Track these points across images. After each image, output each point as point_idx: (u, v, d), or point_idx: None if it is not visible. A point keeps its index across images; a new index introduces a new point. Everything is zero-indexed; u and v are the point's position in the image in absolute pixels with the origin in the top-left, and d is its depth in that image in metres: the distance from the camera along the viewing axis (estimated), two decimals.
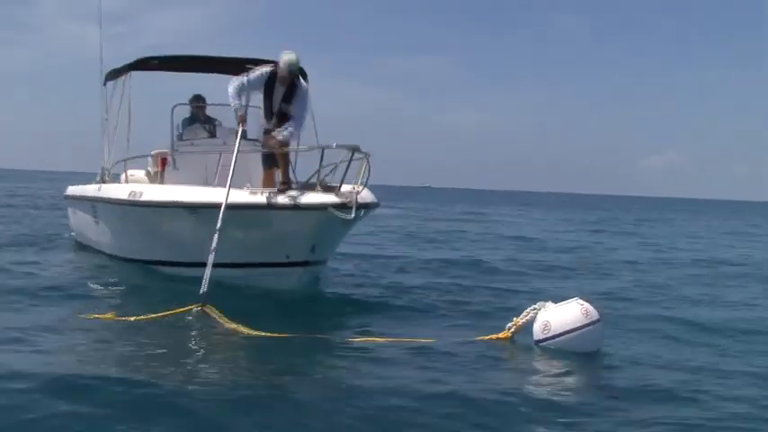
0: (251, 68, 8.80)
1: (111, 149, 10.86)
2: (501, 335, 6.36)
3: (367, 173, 7.63)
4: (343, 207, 7.33)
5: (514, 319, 6.40)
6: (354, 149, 7.44)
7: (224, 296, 7.12)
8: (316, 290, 8.76)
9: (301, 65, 8.91)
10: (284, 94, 8.26)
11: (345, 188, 7.56)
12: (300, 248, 7.86)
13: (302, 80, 8.43)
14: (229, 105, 9.14)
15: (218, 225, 7.37)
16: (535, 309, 6.31)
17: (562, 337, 5.99)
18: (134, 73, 10.13)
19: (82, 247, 12.32)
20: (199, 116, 10.24)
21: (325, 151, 7.65)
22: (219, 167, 8.92)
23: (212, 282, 7.17)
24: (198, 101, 10.29)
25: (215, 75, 10.57)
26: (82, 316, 6.78)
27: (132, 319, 6.67)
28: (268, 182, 8.41)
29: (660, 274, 13.04)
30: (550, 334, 6.03)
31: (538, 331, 6.16)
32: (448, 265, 12.40)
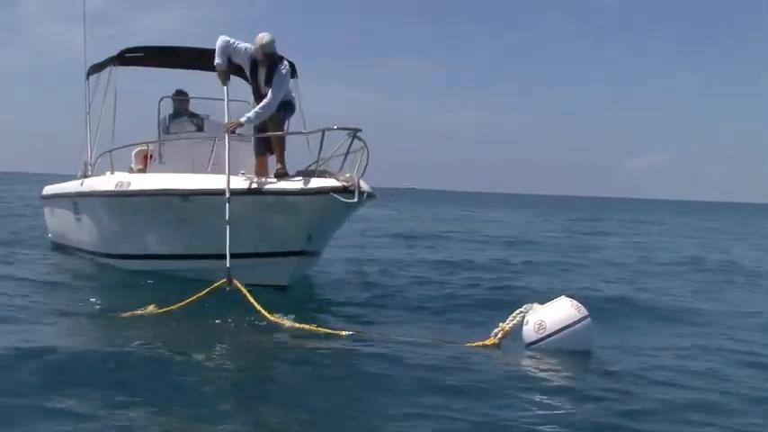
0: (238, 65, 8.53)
1: (93, 144, 10.60)
2: (488, 341, 6.10)
3: (365, 161, 7.32)
4: (345, 191, 7.07)
5: (500, 324, 6.16)
6: (356, 132, 7.17)
7: (215, 293, 7.00)
8: (302, 289, 8.60)
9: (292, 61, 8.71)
10: (266, 76, 7.93)
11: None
12: (297, 237, 7.59)
13: (285, 63, 8.05)
14: (212, 100, 8.92)
15: (227, 195, 7.26)
16: (522, 312, 6.11)
17: (558, 335, 5.81)
18: (116, 69, 9.87)
19: (61, 248, 11.94)
20: (182, 111, 10.02)
21: (312, 143, 7.47)
22: (212, 157, 8.62)
23: (201, 275, 7.10)
24: (181, 95, 10.07)
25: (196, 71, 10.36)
26: (126, 314, 6.65)
27: (172, 308, 6.67)
28: (260, 169, 8.15)
29: (646, 272, 13.06)
30: (546, 333, 5.84)
31: (531, 332, 5.94)
32: (436, 266, 12.28)
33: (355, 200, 7.02)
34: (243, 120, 7.95)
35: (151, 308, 6.71)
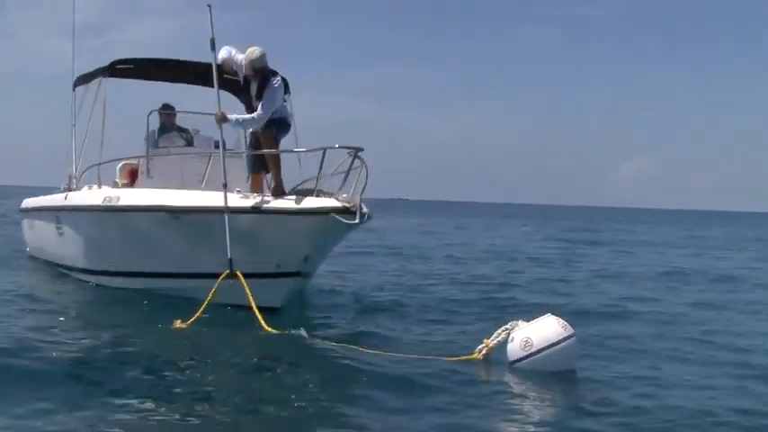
0: (232, 79, 8.45)
1: (79, 156, 10.33)
2: (472, 356, 6.04)
3: (364, 180, 7.14)
4: (346, 212, 6.91)
5: (485, 340, 6.10)
6: (357, 151, 7.02)
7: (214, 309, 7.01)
8: (291, 301, 8.53)
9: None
10: (257, 90, 7.79)
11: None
12: (294, 258, 7.44)
13: (278, 77, 7.91)
14: (200, 114, 9.02)
15: (224, 181, 7.34)
16: (507, 329, 6.03)
17: (545, 353, 5.73)
18: (105, 80, 9.67)
19: (39, 262, 11.74)
20: (168, 125, 9.83)
21: (303, 161, 7.40)
22: (207, 173, 8.47)
23: (189, 296, 7.09)
24: (167, 109, 9.89)
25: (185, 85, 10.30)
26: (175, 326, 6.77)
27: (197, 316, 6.84)
28: (256, 186, 8.02)
29: (638, 284, 13.00)
30: (533, 350, 5.75)
31: (517, 349, 5.85)
32: (425, 278, 12.25)
33: (356, 221, 6.88)
34: (230, 117, 7.82)
35: (179, 322, 6.79)
